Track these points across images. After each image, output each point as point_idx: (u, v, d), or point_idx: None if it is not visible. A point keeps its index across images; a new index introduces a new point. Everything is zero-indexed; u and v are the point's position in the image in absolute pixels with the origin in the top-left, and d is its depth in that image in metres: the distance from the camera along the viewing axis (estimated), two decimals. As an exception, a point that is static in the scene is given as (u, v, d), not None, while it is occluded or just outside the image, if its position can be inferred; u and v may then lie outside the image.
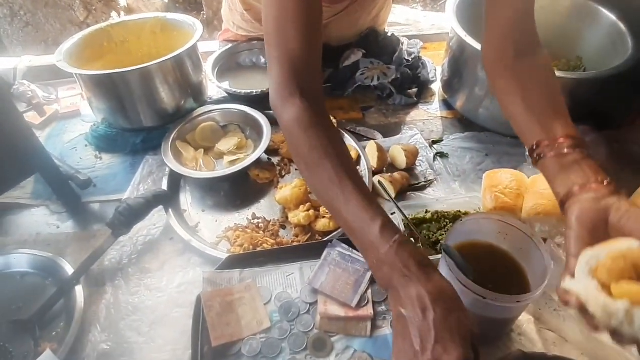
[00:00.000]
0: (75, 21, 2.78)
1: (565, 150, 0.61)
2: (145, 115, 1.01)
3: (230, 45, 1.22)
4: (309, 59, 0.68)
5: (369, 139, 1.04)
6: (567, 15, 1.15)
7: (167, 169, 0.93)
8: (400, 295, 0.54)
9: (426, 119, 1.11)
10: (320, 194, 0.66)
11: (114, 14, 2.90)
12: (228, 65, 1.21)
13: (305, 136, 0.65)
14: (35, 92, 1.14)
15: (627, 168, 0.88)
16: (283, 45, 0.67)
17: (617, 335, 0.45)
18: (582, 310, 0.47)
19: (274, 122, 1.01)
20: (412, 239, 0.75)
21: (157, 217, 0.87)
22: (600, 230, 0.53)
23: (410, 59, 1.15)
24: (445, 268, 0.64)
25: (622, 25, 1.01)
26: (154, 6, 3.35)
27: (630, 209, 0.52)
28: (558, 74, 0.78)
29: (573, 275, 0.49)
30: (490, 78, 0.76)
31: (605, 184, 0.57)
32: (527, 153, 0.67)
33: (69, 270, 0.76)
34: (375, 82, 1.12)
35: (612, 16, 1.03)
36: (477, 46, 0.93)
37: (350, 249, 0.73)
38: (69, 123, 1.11)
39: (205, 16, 3.02)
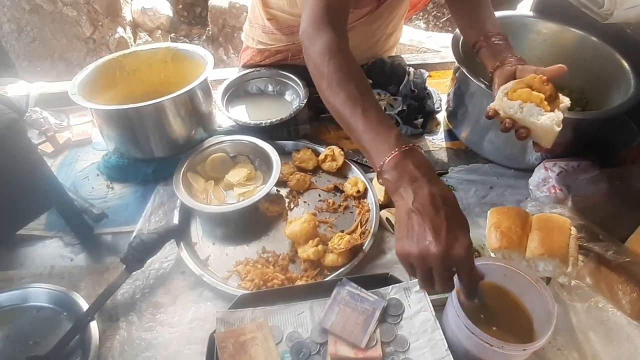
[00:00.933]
0: (81, 36, 2.82)
1: (495, 42, 0.93)
2: (157, 146, 1.03)
3: (240, 73, 1.25)
4: (340, 4, 0.81)
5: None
6: (571, 49, 1.17)
7: (179, 201, 0.95)
8: (411, 194, 0.61)
9: (432, 150, 1.13)
10: (338, 109, 0.72)
11: (120, 29, 2.94)
12: (237, 93, 1.24)
13: (333, 59, 0.74)
14: (47, 119, 1.16)
15: (629, 205, 0.89)
16: None
17: (514, 124, 0.79)
18: (496, 115, 0.81)
19: (282, 154, 1.04)
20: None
21: (169, 250, 0.89)
22: (511, 80, 0.84)
23: (416, 90, 1.18)
24: (452, 310, 0.66)
25: (625, 63, 1.03)
26: (159, 20, 3.40)
27: (527, 65, 0.86)
28: (566, 114, 0.83)
29: None
30: (448, 2, 1.06)
31: (517, 58, 0.89)
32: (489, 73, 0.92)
33: (84, 304, 0.77)
34: (382, 113, 1.14)
35: (615, 53, 1.06)
36: (482, 84, 0.96)
37: (359, 287, 0.75)
38: (80, 151, 1.13)
39: (210, 32, 3.06)
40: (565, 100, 0.81)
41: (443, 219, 0.59)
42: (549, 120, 0.76)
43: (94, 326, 0.75)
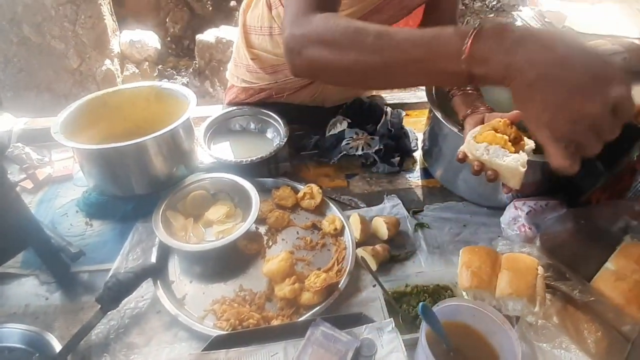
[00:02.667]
0: (68, 68, 2.85)
1: (468, 91, 1.01)
2: (137, 183, 1.05)
3: (223, 111, 1.28)
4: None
5: (353, 207, 1.09)
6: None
7: (157, 239, 0.96)
8: (524, 64, 0.52)
9: (408, 187, 1.17)
10: (365, 60, 0.65)
11: (107, 61, 2.98)
12: (219, 130, 1.27)
13: (335, 23, 0.67)
14: (30, 154, 1.17)
15: (594, 244, 0.93)
16: None
17: (482, 167, 0.81)
18: (466, 158, 0.84)
19: (262, 191, 1.06)
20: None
21: (145, 289, 0.89)
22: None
23: (393, 129, 1.22)
24: (422, 354, 0.67)
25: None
26: (147, 52, 3.45)
27: (493, 113, 0.93)
28: (531, 158, 0.87)
29: None
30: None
31: (485, 107, 0.96)
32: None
33: (57, 345, 0.76)
34: (360, 152, 1.18)
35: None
36: (454, 128, 1.00)
37: (333, 327, 0.76)
38: (61, 187, 1.13)
39: (197, 65, 3.12)
40: (529, 142, 0.85)
41: (582, 70, 0.50)
42: (513, 162, 0.79)
43: (65, 368, 0.74)
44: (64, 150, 1.22)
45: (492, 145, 0.81)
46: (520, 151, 0.82)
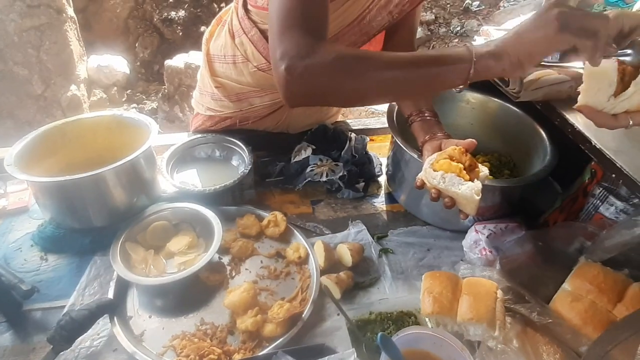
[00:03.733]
0: (32, 94, 2.79)
1: (427, 117, 1.02)
2: (96, 215, 1.02)
3: (187, 139, 1.27)
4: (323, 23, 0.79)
5: (318, 234, 1.09)
6: (496, 116, 1.28)
7: (115, 273, 0.93)
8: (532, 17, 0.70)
9: (372, 213, 1.18)
10: (379, 83, 0.76)
11: (73, 87, 2.93)
12: (183, 158, 1.25)
13: (344, 52, 0.76)
14: (-18, 186, 1.13)
15: (551, 266, 0.96)
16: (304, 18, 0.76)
17: (439, 194, 0.85)
18: (424, 185, 0.87)
19: (226, 220, 1.05)
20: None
21: (101, 326, 0.86)
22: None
23: (357, 155, 1.24)
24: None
25: (541, 131, 1.13)
26: (115, 77, 3.42)
27: (449, 139, 0.94)
28: (489, 182, 0.91)
29: None
30: None
31: (443, 133, 0.98)
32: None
33: (2, 392, 0.73)
34: (325, 178, 1.18)
35: (534, 122, 1.16)
36: (414, 154, 1.02)
37: (295, 360, 0.75)
38: (15, 220, 1.09)
39: (166, 90, 3.10)
40: (484, 170, 0.88)
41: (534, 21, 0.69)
42: (468, 190, 0.81)
43: (11, 416, 0.70)
44: (19, 181, 1.18)
45: (447, 174, 0.83)
46: (475, 179, 0.84)
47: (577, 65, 1.00)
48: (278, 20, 0.76)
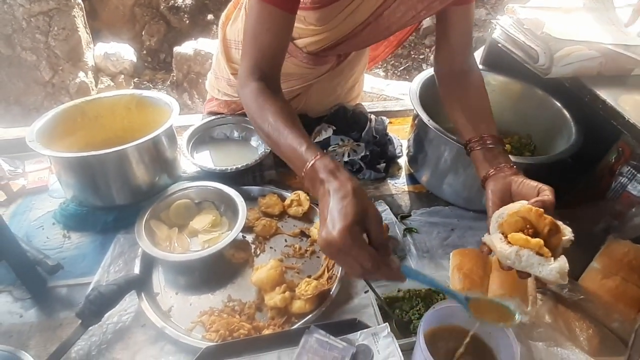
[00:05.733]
0: (40, 80, 2.77)
1: (489, 145, 0.86)
2: (118, 193, 1.01)
3: (205, 120, 1.26)
4: (274, 58, 0.87)
5: (341, 214, 1.08)
6: (518, 99, 1.26)
7: (140, 250, 0.92)
8: (318, 196, 0.68)
9: (394, 194, 1.17)
10: (265, 140, 0.83)
11: (81, 74, 2.91)
12: (202, 139, 1.24)
13: (256, 101, 0.83)
14: (1, 166, 1.12)
15: (579, 245, 0.94)
16: (256, 48, 0.86)
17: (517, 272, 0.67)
18: (490, 252, 0.71)
19: (248, 199, 1.04)
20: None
21: (129, 302, 0.85)
22: (506, 197, 0.78)
23: (378, 136, 1.22)
24: (419, 354, 0.66)
25: (566, 112, 1.12)
26: (122, 65, 3.40)
27: (524, 181, 0.77)
28: (513, 159, 0.87)
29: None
30: (440, 85, 1.04)
31: (511, 167, 0.82)
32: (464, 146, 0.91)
33: (33, 365, 0.72)
34: (346, 159, 1.17)
35: (557, 103, 1.15)
36: (439, 131, 1.01)
37: (328, 334, 0.74)
38: (36, 199, 1.08)
39: (175, 78, 3.08)
40: (567, 233, 0.69)
41: (326, 210, 0.64)
42: (552, 274, 0.64)
43: (43, 389, 0.69)
44: (38, 161, 1.17)
45: (523, 251, 0.65)
46: (557, 250, 0.68)
47: (606, 41, 0.99)
48: (243, 41, 0.90)
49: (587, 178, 1.11)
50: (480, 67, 1.34)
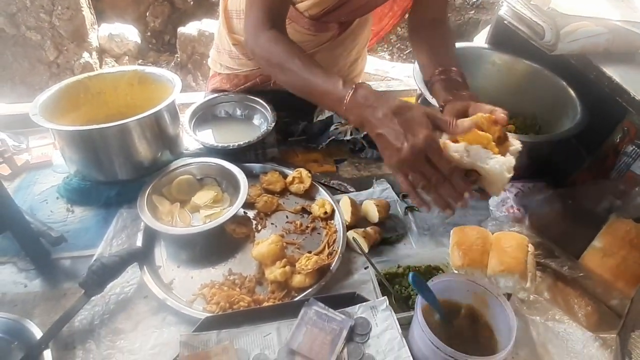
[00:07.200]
0: (44, 60, 2.77)
1: (451, 76, 0.90)
2: (121, 168, 1.02)
3: (208, 97, 1.26)
4: (280, 11, 0.93)
5: (342, 192, 1.08)
6: (523, 78, 1.25)
7: (142, 224, 0.93)
8: (372, 121, 0.72)
9: (396, 172, 1.16)
10: (292, 82, 0.86)
11: (86, 54, 2.90)
12: (205, 116, 1.24)
13: (278, 46, 0.87)
14: (5, 141, 1.13)
15: (581, 223, 0.94)
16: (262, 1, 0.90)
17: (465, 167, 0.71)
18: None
19: (249, 176, 1.04)
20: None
21: (131, 274, 0.86)
22: (462, 116, 0.78)
23: (380, 115, 1.21)
24: (417, 327, 0.67)
25: (571, 91, 1.10)
26: (126, 46, 3.38)
27: (481, 104, 0.79)
28: (519, 137, 0.86)
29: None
30: (410, 32, 1.10)
31: (469, 93, 0.87)
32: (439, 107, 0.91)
33: (37, 333, 0.73)
34: (348, 137, 1.17)
35: (562, 82, 1.13)
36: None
37: (327, 307, 0.75)
38: (39, 174, 1.09)
39: (179, 59, 3.07)
40: (515, 144, 0.74)
41: (399, 127, 0.68)
42: (498, 165, 0.68)
43: (47, 355, 0.71)
44: (42, 136, 1.18)
45: (472, 146, 0.69)
46: (507, 153, 0.71)
47: (614, 17, 0.97)
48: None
49: (592, 157, 1.11)
50: (486, 46, 1.33)
